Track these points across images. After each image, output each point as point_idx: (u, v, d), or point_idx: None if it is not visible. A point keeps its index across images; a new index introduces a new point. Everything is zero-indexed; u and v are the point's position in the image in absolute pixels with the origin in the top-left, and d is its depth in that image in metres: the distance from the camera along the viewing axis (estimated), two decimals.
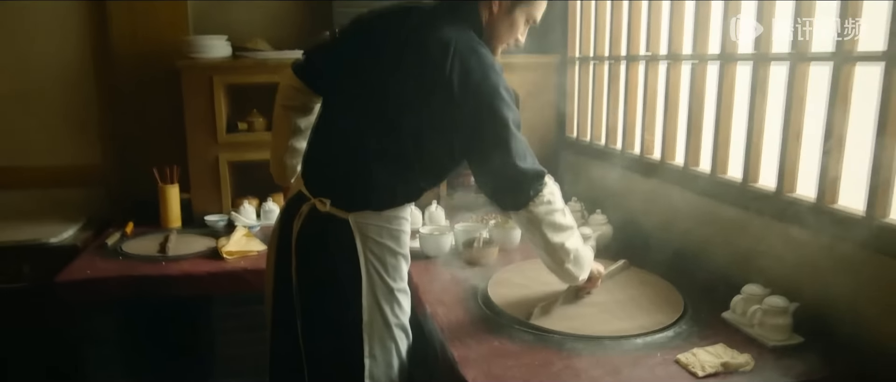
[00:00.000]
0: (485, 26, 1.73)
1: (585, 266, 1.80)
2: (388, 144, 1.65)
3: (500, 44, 1.79)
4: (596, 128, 2.88)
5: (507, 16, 1.73)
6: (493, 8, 1.71)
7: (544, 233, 1.68)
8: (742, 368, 1.52)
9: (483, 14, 1.72)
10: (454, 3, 1.72)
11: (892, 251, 1.47)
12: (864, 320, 1.56)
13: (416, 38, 1.64)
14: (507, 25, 1.75)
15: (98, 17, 3.01)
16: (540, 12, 1.81)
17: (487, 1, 1.71)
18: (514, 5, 1.72)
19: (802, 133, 1.75)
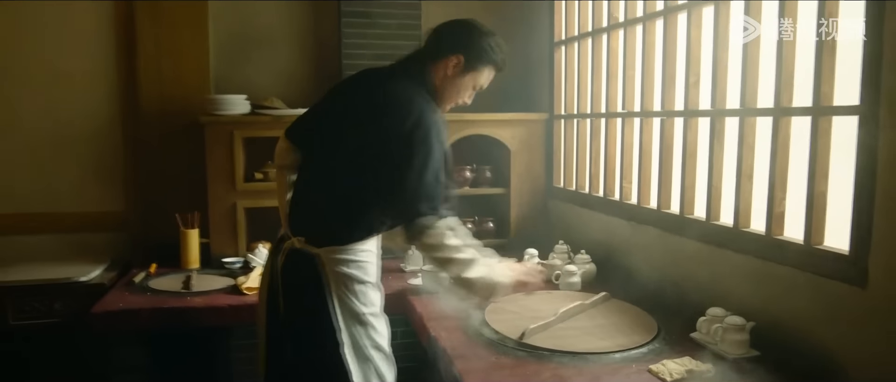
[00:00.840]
0: (435, 87, 1.98)
1: (488, 287, 1.95)
2: (350, 186, 1.90)
3: (448, 103, 2.04)
4: (580, 178, 3.17)
5: (457, 80, 1.99)
6: (446, 72, 1.96)
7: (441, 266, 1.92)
8: (704, 374, 1.78)
9: (434, 76, 1.97)
10: (408, 65, 1.99)
11: (825, 272, 1.74)
12: (805, 331, 1.82)
13: (378, 94, 1.92)
14: (456, 88, 2.01)
15: (128, 76, 3.32)
16: (487, 79, 2.07)
17: (440, 64, 1.97)
18: (463, 72, 1.98)
19: (753, 176, 2.04)
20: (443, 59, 1.97)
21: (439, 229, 1.85)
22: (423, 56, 2.00)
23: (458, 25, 2.03)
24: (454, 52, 1.96)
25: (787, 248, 1.88)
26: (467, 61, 1.97)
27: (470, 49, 1.97)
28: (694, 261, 2.28)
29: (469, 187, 3.43)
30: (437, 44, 2.00)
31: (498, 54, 2.01)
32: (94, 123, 3.35)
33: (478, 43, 1.97)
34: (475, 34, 1.99)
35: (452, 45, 1.97)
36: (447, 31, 2.01)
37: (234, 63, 3.45)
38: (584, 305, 2.30)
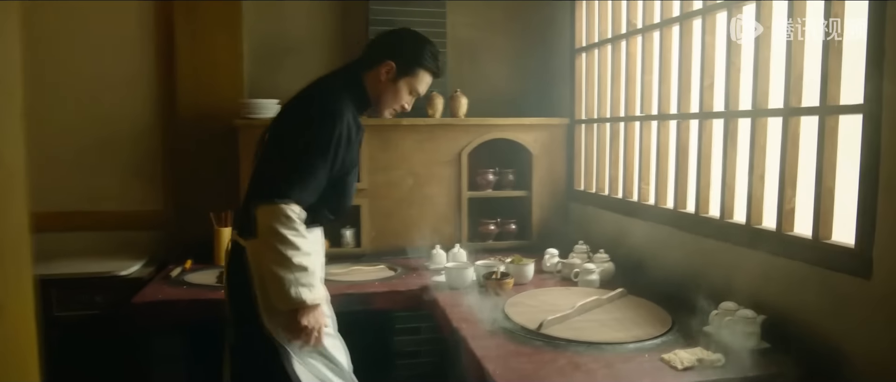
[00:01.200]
0: (370, 93, 2.07)
1: (292, 298, 1.87)
2: (254, 174, 2.01)
3: (385, 107, 2.12)
4: (600, 180, 3.25)
5: (392, 84, 2.07)
6: (380, 77, 2.05)
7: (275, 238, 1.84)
8: (715, 363, 1.85)
9: (368, 83, 2.06)
10: (344, 72, 2.08)
11: (832, 265, 1.81)
12: (813, 324, 1.89)
13: (298, 95, 2.04)
14: (392, 93, 2.08)
15: (167, 82, 3.48)
16: (423, 85, 2.14)
17: (373, 72, 2.05)
18: (397, 78, 2.06)
19: (765, 175, 2.11)
20: (376, 66, 2.05)
21: (276, 211, 1.83)
22: (359, 64, 2.10)
23: (392, 33, 2.13)
24: (386, 58, 2.04)
25: (796, 243, 1.95)
26: (399, 67, 2.05)
27: (402, 55, 2.05)
28: (708, 258, 2.35)
29: (492, 190, 3.53)
30: (372, 52, 2.10)
31: (430, 60, 2.09)
32: (134, 127, 3.52)
33: (410, 49, 2.07)
34: (408, 41, 2.09)
35: (385, 52, 2.06)
36: (382, 40, 2.12)
37: (266, 69, 3.60)
38: (600, 300, 2.38)
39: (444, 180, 3.44)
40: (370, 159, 3.33)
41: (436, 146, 3.41)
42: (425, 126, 3.38)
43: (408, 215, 3.41)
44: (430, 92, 3.42)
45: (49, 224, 3.44)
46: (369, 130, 3.32)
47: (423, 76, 2.11)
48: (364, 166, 3.32)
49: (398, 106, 2.13)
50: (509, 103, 3.73)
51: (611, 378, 1.77)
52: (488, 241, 3.48)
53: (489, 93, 3.70)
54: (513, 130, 3.47)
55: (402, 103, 2.13)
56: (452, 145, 3.42)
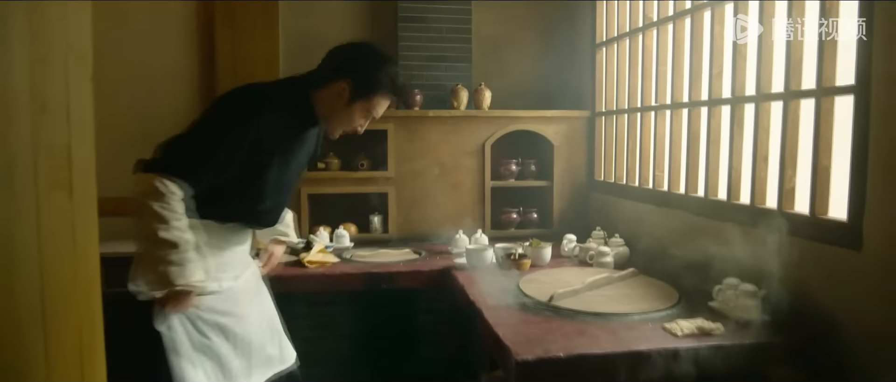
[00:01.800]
0: (318, 109, 1.91)
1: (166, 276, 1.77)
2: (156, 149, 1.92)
3: (335, 128, 1.97)
4: (618, 170, 3.36)
5: (346, 108, 1.89)
6: (332, 97, 1.88)
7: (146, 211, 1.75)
8: (713, 332, 1.95)
9: (317, 100, 1.89)
10: (288, 83, 1.94)
11: (827, 239, 1.90)
12: (809, 296, 1.98)
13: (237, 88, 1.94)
14: (346, 115, 1.91)
15: (208, 78, 3.70)
16: (380, 109, 1.96)
17: (325, 89, 1.88)
18: (351, 101, 1.88)
19: (768, 157, 2.21)
20: (328, 84, 1.89)
21: (147, 181, 1.76)
22: (309, 78, 1.94)
23: (349, 49, 1.94)
24: (340, 77, 1.87)
25: (795, 220, 2.04)
26: (354, 89, 1.88)
27: (357, 77, 1.88)
28: (716, 238, 2.44)
29: (514, 180, 3.66)
30: (325, 68, 1.93)
31: (388, 84, 1.91)
32: (177, 119, 3.72)
33: (367, 70, 1.89)
34: (364, 61, 1.91)
35: (339, 70, 1.89)
36: (337, 55, 1.94)
37: (300, 65, 3.76)
38: (611, 278, 2.50)
39: (469, 170, 3.58)
40: (397, 149, 3.49)
41: (460, 137, 3.56)
42: (450, 118, 3.53)
43: (433, 204, 3.55)
44: (455, 85, 3.58)
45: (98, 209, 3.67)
46: (396, 121, 3.48)
47: (381, 101, 1.94)
48: (392, 155, 3.48)
49: (350, 129, 1.97)
50: (532, 96, 3.85)
51: (612, 341, 1.89)
52: (510, 229, 3.61)
53: (512, 86, 3.83)
54: (535, 122, 3.60)
55: (354, 127, 1.97)
56: (476, 137, 3.56)
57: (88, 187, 1.03)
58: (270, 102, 1.85)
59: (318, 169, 3.50)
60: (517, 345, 1.85)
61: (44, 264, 0.86)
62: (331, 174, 3.49)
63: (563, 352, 1.81)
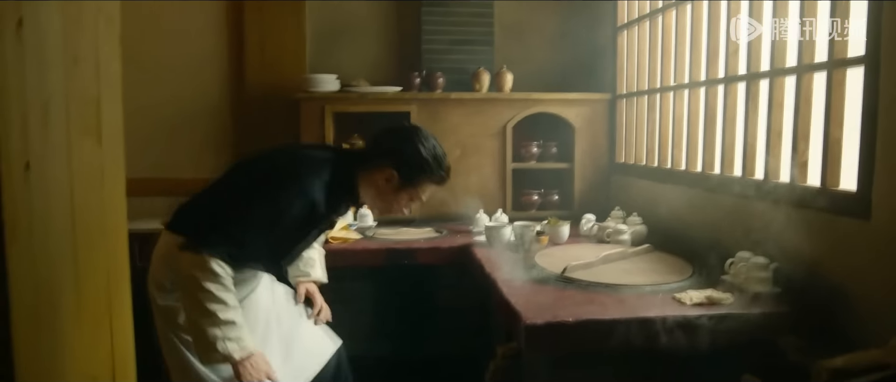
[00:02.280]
0: (362, 190, 1.95)
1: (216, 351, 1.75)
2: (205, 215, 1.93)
3: (382, 210, 2.04)
4: (638, 151, 3.38)
5: (393, 193, 1.95)
6: (378, 181, 1.93)
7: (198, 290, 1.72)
8: (723, 301, 1.99)
9: (362, 178, 1.93)
10: (336, 158, 1.95)
11: (838, 210, 1.92)
12: (819, 267, 2.00)
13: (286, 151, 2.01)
14: (390, 201, 1.97)
15: (237, 62, 3.81)
16: (427, 194, 2.00)
17: (370, 173, 1.93)
18: (398, 188, 1.93)
19: (782, 132, 2.23)
20: (374, 168, 1.92)
21: (203, 263, 1.73)
22: (355, 158, 2.00)
23: (397, 136, 1.98)
24: (388, 164, 1.90)
25: (808, 193, 2.06)
26: (402, 177, 1.91)
27: (406, 164, 1.91)
28: (731, 215, 2.47)
29: (535, 162, 3.70)
30: (373, 152, 1.97)
31: (437, 169, 1.94)
32: (208, 103, 3.86)
33: (415, 158, 1.91)
34: (413, 148, 1.92)
35: (387, 157, 1.91)
36: (385, 141, 1.96)
37: (326, 51, 3.88)
38: (625, 252, 2.53)
39: (490, 152, 3.63)
40: None
41: (482, 119, 3.61)
42: (472, 100, 3.59)
43: (455, 185, 3.59)
44: (477, 68, 3.63)
45: (131, 189, 3.79)
46: (419, 103, 3.55)
47: (428, 186, 1.98)
48: None
49: (395, 212, 2.03)
50: (553, 80, 3.89)
51: (622, 309, 1.94)
52: (531, 210, 3.65)
53: (534, 70, 3.86)
54: (556, 104, 3.63)
55: (400, 210, 2.02)
56: (498, 119, 3.61)
57: (116, 137, 1.12)
58: (321, 178, 1.86)
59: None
60: (528, 311, 1.91)
61: (75, 200, 0.95)
62: None
63: (571, 318, 1.86)
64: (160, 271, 1.95)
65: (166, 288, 1.92)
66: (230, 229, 1.77)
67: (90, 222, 1.03)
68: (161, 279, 1.94)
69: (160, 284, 1.94)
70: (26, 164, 0.86)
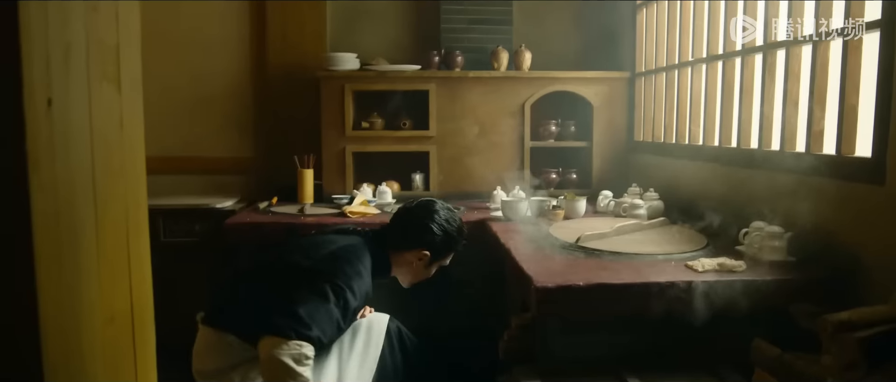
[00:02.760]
0: (395, 266, 2.20)
1: None
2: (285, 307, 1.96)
3: (411, 283, 2.29)
4: (657, 129, 3.37)
5: (425, 269, 2.24)
6: (411, 261, 2.19)
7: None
8: (735, 268, 1.99)
9: (394, 257, 2.18)
10: (371, 242, 2.16)
11: (853, 177, 1.91)
12: (834, 235, 1.99)
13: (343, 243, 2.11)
14: (422, 275, 2.26)
15: (259, 43, 3.87)
16: (449, 260, 2.30)
17: (404, 254, 2.18)
18: (430, 264, 2.23)
19: (798, 101, 2.21)
20: (407, 250, 2.19)
21: (294, 350, 1.83)
22: (387, 240, 2.20)
23: (425, 221, 2.19)
24: (422, 247, 2.18)
25: (823, 161, 2.05)
26: (433, 255, 2.21)
27: (436, 246, 2.19)
28: (748, 187, 2.46)
29: (554, 141, 3.70)
30: (404, 235, 2.20)
31: (460, 242, 2.26)
32: (230, 83, 3.93)
33: (444, 239, 2.20)
34: (440, 231, 2.19)
35: (420, 242, 2.18)
36: (414, 225, 2.20)
37: (347, 32, 3.92)
38: (640, 224, 2.54)
39: (508, 130, 3.64)
40: (438, 109, 3.59)
41: (500, 98, 3.62)
42: (490, 79, 3.60)
43: (473, 162, 3.64)
44: (496, 47, 3.65)
45: (156, 167, 3.88)
46: (437, 81, 3.58)
47: (451, 256, 2.30)
48: (433, 115, 3.58)
49: (422, 278, 2.29)
50: (572, 59, 3.89)
51: (633, 275, 1.95)
52: (549, 189, 3.66)
53: (552, 49, 3.87)
54: (574, 83, 3.63)
55: (428, 277, 2.30)
56: (516, 97, 3.62)
57: (135, 84, 1.16)
58: (366, 266, 2.06)
59: (363, 128, 3.63)
60: (539, 275, 1.93)
61: (94, 138, 0.99)
62: (374, 133, 3.61)
63: (582, 281, 1.88)
64: (204, 362, 2.04)
65: (212, 375, 2.03)
66: (318, 318, 1.88)
67: (109, 159, 1.07)
68: (204, 369, 2.04)
69: (205, 374, 2.04)
70: (48, 100, 0.90)
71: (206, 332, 2.06)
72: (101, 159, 1.00)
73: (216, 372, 2.03)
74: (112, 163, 1.05)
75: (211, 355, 2.04)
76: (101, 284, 1.10)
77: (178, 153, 3.93)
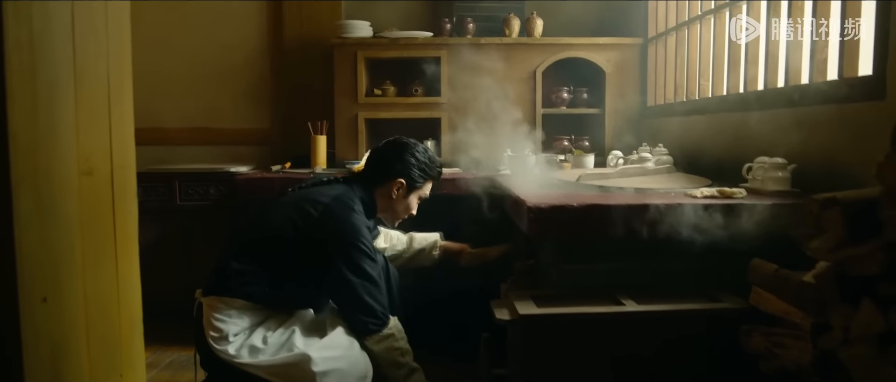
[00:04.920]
0: (379, 203, 2.27)
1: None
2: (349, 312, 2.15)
3: (397, 219, 2.36)
4: (667, 91, 3.34)
5: (404, 200, 2.30)
6: (392, 194, 2.26)
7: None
8: (735, 195, 1.96)
9: (379, 198, 2.27)
10: (357, 185, 2.25)
11: (854, 97, 1.87)
12: (837, 161, 1.95)
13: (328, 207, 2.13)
14: (404, 207, 2.31)
15: (275, 14, 3.94)
16: (429, 190, 2.36)
17: (384, 187, 2.26)
18: (408, 193, 2.28)
19: (803, 34, 2.18)
20: (386, 183, 2.26)
21: (387, 334, 2.09)
22: (369, 180, 2.28)
23: (394, 151, 2.29)
24: (396, 177, 2.25)
25: (825, 88, 2.01)
26: (409, 183, 2.27)
27: (410, 173, 2.26)
28: (753, 129, 2.41)
29: (566, 107, 3.69)
30: (380, 169, 2.28)
31: (433, 170, 2.32)
32: (247, 55, 4.01)
33: (416, 165, 2.27)
34: (412, 158, 2.27)
35: (394, 171, 2.26)
36: (387, 157, 2.29)
37: (361, 3, 3.97)
38: (645, 169, 2.52)
39: (520, 97, 3.64)
40: (450, 75, 3.61)
41: (512, 65, 3.63)
42: (502, 45, 3.61)
43: (484, 130, 3.63)
44: (507, 14, 3.66)
45: (175, 138, 3.99)
46: (449, 48, 3.60)
47: (428, 185, 2.36)
48: (444, 82, 3.60)
49: (407, 215, 2.36)
50: (585, 27, 3.88)
51: (631, 198, 1.93)
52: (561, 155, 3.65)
53: (564, 16, 3.87)
54: (586, 49, 3.63)
55: (411, 212, 2.36)
56: (528, 64, 3.63)
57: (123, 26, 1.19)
58: (357, 212, 2.15)
59: (375, 95, 3.66)
60: (533, 199, 1.93)
61: (77, 69, 1.02)
62: (387, 100, 3.64)
63: (576, 203, 1.87)
64: (217, 329, 2.05)
65: (225, 337, 2.04)
66: (371, 298, 2.07)
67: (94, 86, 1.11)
68: (221, 335, 2.04)
69: (217, 335, 2.05)
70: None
71: (212, 301, 2.07)
72: (85, 81, 1.03)
73: (235, 334, 2.04)
74: (97, 86, 1.08)
75: (222, 321, 2.04)
76: (79, 135, 1.13)
77: (195, 124, 4.02)
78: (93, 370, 1.22)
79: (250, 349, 2.02)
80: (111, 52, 1.23)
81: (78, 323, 1.17)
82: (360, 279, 2.06)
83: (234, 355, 2.01)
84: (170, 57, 3.97)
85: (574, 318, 1.77)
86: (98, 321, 1.22)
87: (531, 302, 1.85)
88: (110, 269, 1.26)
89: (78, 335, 1.17)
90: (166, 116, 4.00)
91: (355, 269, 2.06)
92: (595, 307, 1.82)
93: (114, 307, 1.26)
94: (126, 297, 1.30)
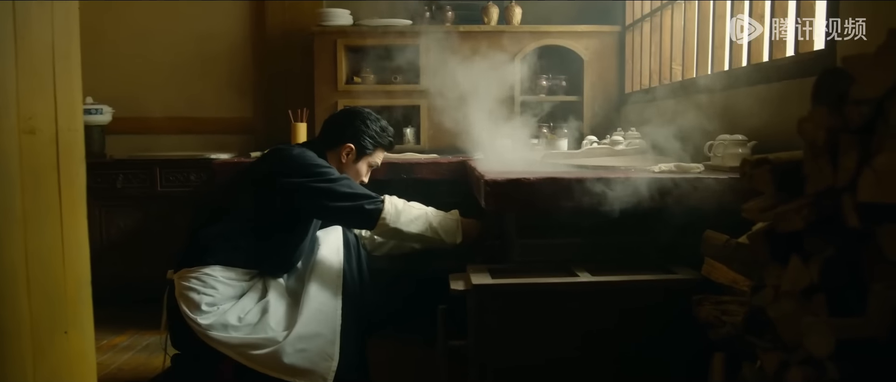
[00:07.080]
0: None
1: (453, 231, 2.29)
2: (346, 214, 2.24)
3: None
4: (645, 78, 3.37)
5: (354, 164, 2.34)
6: (342, 158, 2.32)
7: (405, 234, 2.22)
8: (692, 170, 1.98)
9: (330, 158, 2.30)
10: (311, 147, 2.32)
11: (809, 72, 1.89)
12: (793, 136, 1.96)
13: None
14: (353, 172, 2.34)
15: (258, 8, 3.98)
16: (379, 159, 2.42)
17: (335, 151, 2.32)
18: (357, 158, 2.34)
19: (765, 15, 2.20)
20: (337, 147, 2.32)
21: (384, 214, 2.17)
22: (321, 143, 2.36)
23: (346, 117, 2.39)
24: (346, 141, 2.31)
25: (783, 65, 2.04)
26: (358, 149, 2.32)
27: (359, 138, 2.32)
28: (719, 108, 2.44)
29: (545, 95, 3.72)
30: (332, 133, 2.36)
31: (384, 138, 2.37)
32: (230, 44, 4.03)
33: (366, 131, 2.32)
34: (362, 124, 2.33)
35: (344, 135, 2.32)
36: (339, 122, 2.38)
37: None
38: (612, 149, 2.54)
39: (499, 85, 3.65)
40: (429, 63, 3.63)
41: (491, 53, 3.63)
42: (480, 33, 3.64)
43: (463, 116, 3.66)
44: (486, 3, 3.69)
45: (156, 128, 4.02)
46: (427, 36, 3.62)
47: (379, 153, 2.41)
48: (423, 69, 3.62)
49: (358, 181, 2.37)
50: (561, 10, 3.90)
51: (588, 172, 1.95)
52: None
53: (543, 4, 3.89)
54: (565, 37, 3.65)
55: (362, 179, 2.39)
56: (506, 52, 3.65)
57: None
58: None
59: (355, 83, 3.68)
60: (490, 174, 1.95)
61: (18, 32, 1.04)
62: (366, 87, 3.67)
63: (533, 176, 1.89)
64: (184, 298, 2.08)
65: (198, 305, 2.06)
66: (351, 193, 2.16)
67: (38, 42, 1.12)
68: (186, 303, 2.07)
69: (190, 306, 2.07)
70: None
71: (184, 273, 2.10)
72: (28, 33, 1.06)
73: (209, 304, 2.06)
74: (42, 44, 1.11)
75: (194, 291, 2.07)
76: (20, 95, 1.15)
77: (177, 113, 4.05)
78: (34, 325, 1.24)
79: (223, 326, 2.04)
80: (56, 17, 1.25)
81: (18, 277, 1.20)
82: (330, 182, 2.13)
83: (207, 326, 2.03)
84: (153, 47, 4.00)
85: (527, 288, 1.80)
86: (41, 277, 1.24)
87: (487, 274, 1.88)
88: (54, 228, 1.28)
89: (17, 288, 1.19)
90: (150, 106, 4.02)
91: (319, 177, 2.13)
92: (548, 278, 1.84)
93: (58, 264, 1.29)
94: (71, 256, 1.32)
